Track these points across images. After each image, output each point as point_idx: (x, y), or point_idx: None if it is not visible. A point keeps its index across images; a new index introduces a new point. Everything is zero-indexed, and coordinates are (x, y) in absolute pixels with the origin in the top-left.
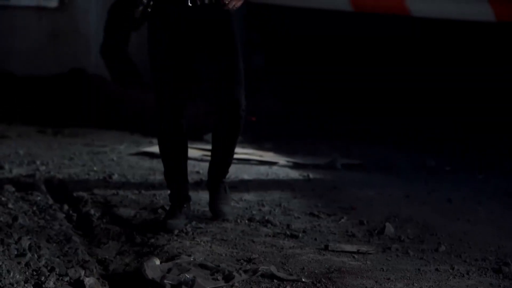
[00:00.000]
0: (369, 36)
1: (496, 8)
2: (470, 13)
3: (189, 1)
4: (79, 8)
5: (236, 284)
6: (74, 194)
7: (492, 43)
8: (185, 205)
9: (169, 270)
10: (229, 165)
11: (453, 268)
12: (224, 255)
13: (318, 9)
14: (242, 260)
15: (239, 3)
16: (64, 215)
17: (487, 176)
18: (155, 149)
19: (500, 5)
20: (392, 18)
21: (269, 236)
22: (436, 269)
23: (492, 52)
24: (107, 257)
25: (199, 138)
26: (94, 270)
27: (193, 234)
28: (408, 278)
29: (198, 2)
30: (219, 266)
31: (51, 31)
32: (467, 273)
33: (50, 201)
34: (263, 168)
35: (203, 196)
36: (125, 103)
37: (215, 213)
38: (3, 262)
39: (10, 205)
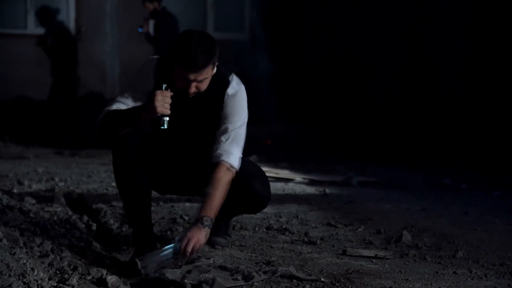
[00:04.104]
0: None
1: None
2: None
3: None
4: (95, 38)
5: (256, 283)
6: (93, 206)
7: None
8: (153, 248)
9: (188, 272)
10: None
11: (470, 271)
12: (243, 258)
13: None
14: (261, 263)
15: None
16: (84, 225)
17: (503, 193)
18: None
19: None
20: None
21: (287, 242)
22: (454, 272)
23: None
24: (127, 260)
25: None
26: (116, 271)
27: None
28: (426, 279)
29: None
30: (238, 267)
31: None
32: (485, 276)
33: (70, 213)
34: (279, 184)
35: None
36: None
37: (208, 242)
38: (27, 261)
39: (31, 215)
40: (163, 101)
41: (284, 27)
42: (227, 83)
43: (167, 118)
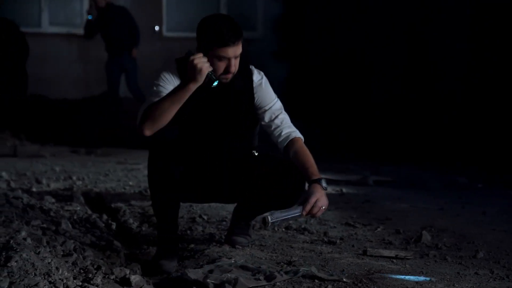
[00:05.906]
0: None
1: None
2: None
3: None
4: None
5: (278, 283)
6: (112, 205)
7: None
8: (177, 247)
9: (211, 271)
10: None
11: (492, 272)
12: (264, 258)
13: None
14: (282, 263)
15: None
16: (103, 224)
17: None
18: None
19: None
20: None
21: (307, 242)
22: (476, 273)
23: None
24: (150, 260)
25: None
26: (138, 271)
27: None
28: (448, 280)
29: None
30: (260, 267)
31: (81, 56)
32: (507, 277)
33: (89, 212)
34: None
35: None
36: None
37: (228, 242)
38: (51, 260)
39: (52, 214)
40: (201, 60)
41: (286, 28)
42: (250, 71)
43: (212, 73)
